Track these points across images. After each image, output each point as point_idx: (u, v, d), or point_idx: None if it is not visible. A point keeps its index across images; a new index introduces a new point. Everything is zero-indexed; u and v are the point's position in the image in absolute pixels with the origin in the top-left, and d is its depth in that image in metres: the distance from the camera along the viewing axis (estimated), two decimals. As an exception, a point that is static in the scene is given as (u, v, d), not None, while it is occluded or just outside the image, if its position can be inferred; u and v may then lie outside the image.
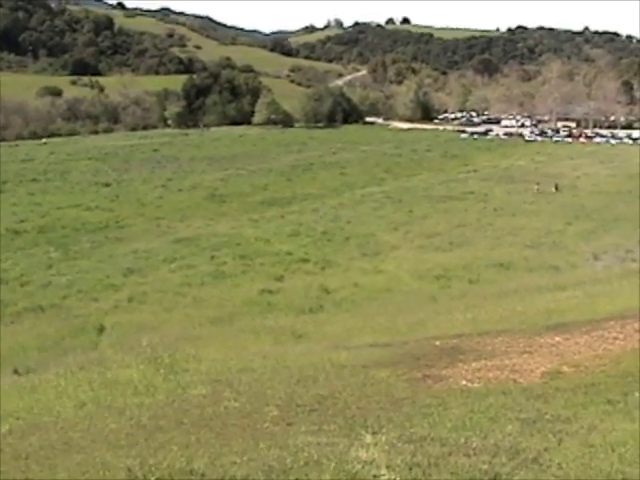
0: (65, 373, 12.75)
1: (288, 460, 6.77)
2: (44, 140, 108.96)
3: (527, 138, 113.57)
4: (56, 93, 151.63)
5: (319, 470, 6.41)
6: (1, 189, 57.82)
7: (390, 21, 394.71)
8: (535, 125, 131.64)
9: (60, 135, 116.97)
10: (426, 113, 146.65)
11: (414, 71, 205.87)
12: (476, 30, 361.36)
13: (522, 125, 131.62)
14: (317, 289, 28.97)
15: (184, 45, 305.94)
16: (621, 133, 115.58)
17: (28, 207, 48.88)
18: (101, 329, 22.07)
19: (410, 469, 6.24)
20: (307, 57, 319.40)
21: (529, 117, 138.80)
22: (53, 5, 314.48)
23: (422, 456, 6.55)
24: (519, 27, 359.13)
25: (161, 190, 55.75)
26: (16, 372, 15.69)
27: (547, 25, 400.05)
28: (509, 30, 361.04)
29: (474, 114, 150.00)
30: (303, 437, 7.70)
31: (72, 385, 11.52)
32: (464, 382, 10.09)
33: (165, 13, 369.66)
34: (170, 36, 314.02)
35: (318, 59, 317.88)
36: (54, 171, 68.33)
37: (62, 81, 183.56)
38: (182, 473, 6.40)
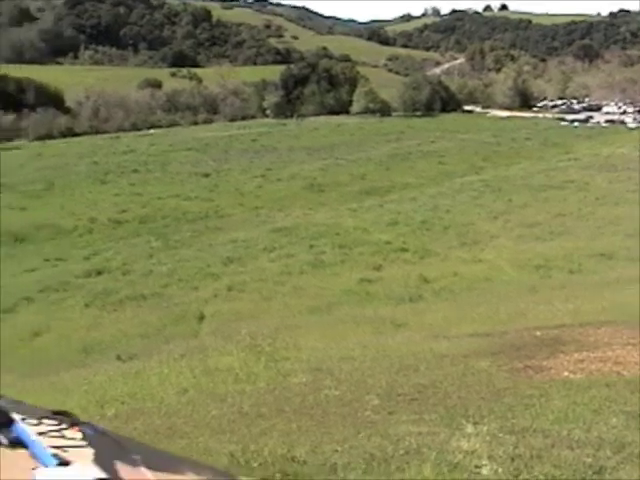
0: (167, 360, 12.98)
1: (389, 449, 6.72)
2: (152, 131, 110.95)
3: (630, 125, 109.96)
4: (156, 85, 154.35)
5: (420, 459, 6.34)
6: (104, 180, 59.15)
7: (488, 8, 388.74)
8: (638, 112, 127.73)
9: (160, 126, 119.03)
10: (525, 101, 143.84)
11: (513, 58, 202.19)
12: (576, 15, 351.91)
13: (624, 112, 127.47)
14: (416, 278, 28.76)
15: (281, 36, 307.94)
16: None
17: (129, 197, 49.84)
18: (201, 317, 22.37)
19: (512, 460, 6.12)
20: (404, 46, 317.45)
21: (631, 104, 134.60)
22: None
23: (524, 448, 6.42)
24: (621, 11, 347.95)
25: (260, 180, 56.15)
26: (119, 358, 16.04)
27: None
28: (610, 14, 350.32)
29: (574, 101, 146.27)
30: (404, 426, 7.65)
31: (174, 372, 11.71)
32: (566, 373, 9.87)
33: (262, 4, 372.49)
34: (267, 27, 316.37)
35: (415, 48, 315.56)
36: (154, 162, 69.48)
37: (162, 73, 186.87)
38: (284, 460, 6.42)
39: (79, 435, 1.41)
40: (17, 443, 1.32)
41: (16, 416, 1.36)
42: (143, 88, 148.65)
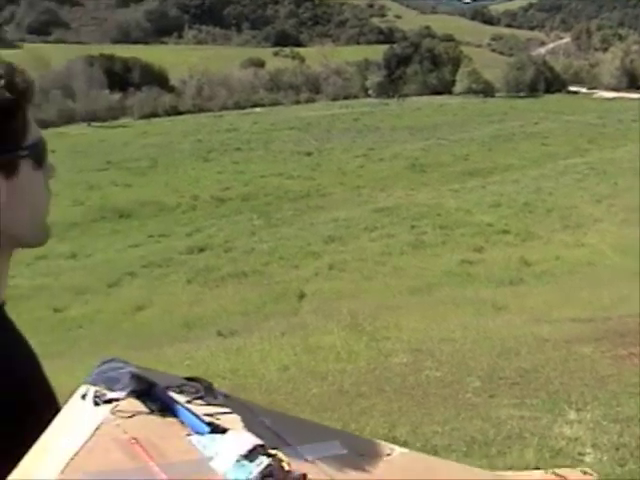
0: (268, 337, 13.11)
1: (490, 432, 6.69)
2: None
3: None
4: (259, 64, 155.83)
5: (522, 444, 6.29)
6: (207, 158, 59.94)
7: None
8: None
9: (263, 105, 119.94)
10: (633, 81, 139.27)
11: (621, 37, 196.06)
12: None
13: None
14: (517, 261, 28.30)
15: (384, 15, 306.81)
16: None
17: (232, 175, 50.35)
18: (301, 296, 22.46)
19: (617, 449, 6.01)
20: (508, 25, 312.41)
21: None
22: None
23: (629, 437, 6.29)
24: None
25: (362, 159, 56.04)
26: (220, 334, 16.24)
27: None
28: None
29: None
30: (505, 410, 7.59)
31: (275, 349, 11.84)
32: (672, 362, 9.63)
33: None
34: (370, 6, 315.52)
35: (520, 27, 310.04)
36: (257, 140, 70.02)
37: (265, 53, 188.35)
38: (385, 439, 6.38)
39: (221, 401, 1.43)
40: (165, 410, 1.31)
41: (158, 383, 1.38)
42: (246, 67, 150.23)
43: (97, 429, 1.24)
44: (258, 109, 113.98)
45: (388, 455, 1.49)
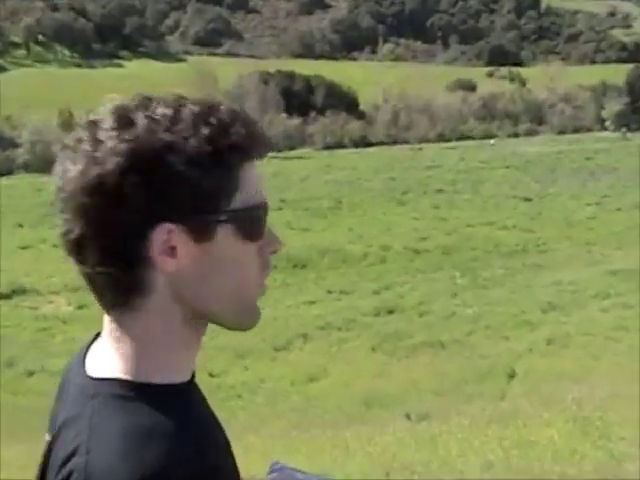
0: (470, 425, 12.95)
1: None
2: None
3: None
4: (469, 87, 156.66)
5: None
6: (401, 200, 60.28)
7: None
8: None
9: (472, 138, 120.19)
10: None
11: None
12: None
13: None
14: None
15: (629, 26, 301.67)
16: None
17: (431, 223, 50.36)
18: (512, 375, 22.09)
19: None
20: None
21: None
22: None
23: None
24: None
25: (594, 208, 54.96)
26: (408, 417, 16.19)
27: None
28: None
29: None
30: None
31: (478, 441, 11.66)
32: None
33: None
34: (611, 15, 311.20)
35: None
36: (464, 181, 69.90)
37: (476, 73, 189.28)
38: None
39: None
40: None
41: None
42: (453, 90, 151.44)
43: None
44: (466, 142, 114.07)
45: None
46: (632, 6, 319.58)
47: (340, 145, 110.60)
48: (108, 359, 1.56)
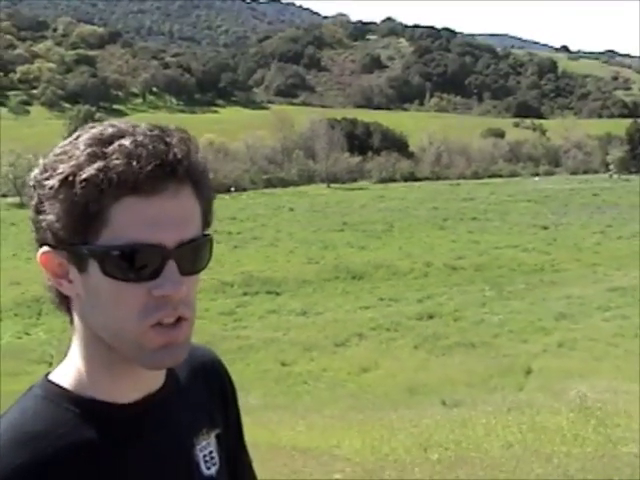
0: (493, 412, 12.93)
1: None
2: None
3: None
4: (499, 135, 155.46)
5: None
6: (442, 226, 60.16)
7: None
8: None
9: (501, 176, 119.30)
10: None
11: None
12: None
13: None
14: None
15: (629, 88, 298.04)
16: None
17: (466, 245, 50.13)
18: (528, 371, 21.96)
19: None
20: None
21: None
22: (498, 49, 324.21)
23: None
24: None
25: (599, 236, 54.31)
26: (444, 404, 16.18)
27: None
28: None
29: None
30: None
31: (500, 425, 11.65)
32: None
33: (610, 55, 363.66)
34: (615, 79, 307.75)
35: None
36: (494, 211, 69.54)
37: (505, 123, 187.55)
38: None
39: None
40: None
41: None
42: (486, 137, 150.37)
43: None
44: (496, 179, 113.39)
45: None
46: (632, 72, 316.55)
47: (392, 179, 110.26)
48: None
